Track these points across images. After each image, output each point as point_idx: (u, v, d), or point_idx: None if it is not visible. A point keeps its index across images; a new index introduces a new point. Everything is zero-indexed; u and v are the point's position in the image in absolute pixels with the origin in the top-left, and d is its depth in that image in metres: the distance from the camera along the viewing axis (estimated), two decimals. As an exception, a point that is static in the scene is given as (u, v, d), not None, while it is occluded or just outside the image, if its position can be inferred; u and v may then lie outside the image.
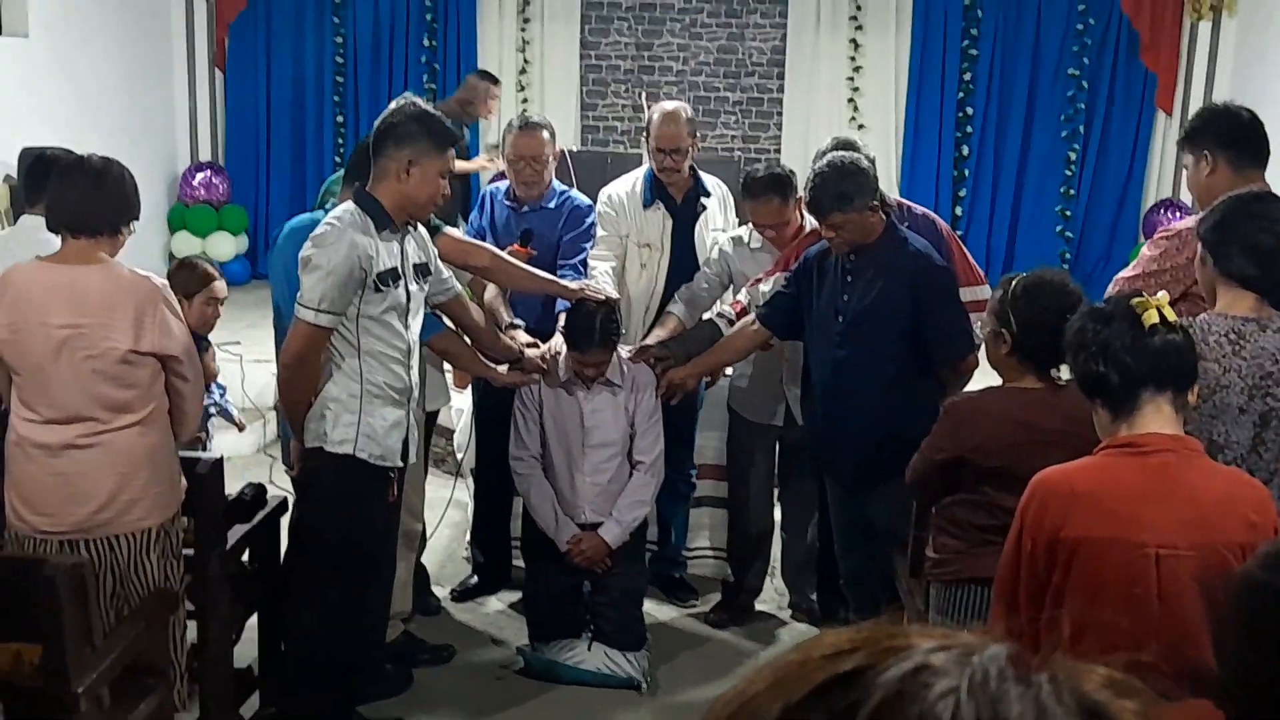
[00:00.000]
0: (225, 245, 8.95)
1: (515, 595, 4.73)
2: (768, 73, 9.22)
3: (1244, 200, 2.93)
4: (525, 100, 9.20)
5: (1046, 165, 8.98)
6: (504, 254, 4.08)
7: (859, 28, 8.95)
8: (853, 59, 8.96)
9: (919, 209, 4.33)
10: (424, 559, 4.81)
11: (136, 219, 3.19)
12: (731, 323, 4.24)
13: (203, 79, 9.25)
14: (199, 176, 9.06)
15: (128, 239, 3.19)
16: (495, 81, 7.81)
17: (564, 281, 4.08)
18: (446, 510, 5.09)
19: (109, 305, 3.03)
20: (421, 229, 3.58)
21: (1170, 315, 2.17)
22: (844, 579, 4.00)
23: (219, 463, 3.46)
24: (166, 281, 3.20)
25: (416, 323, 3.51)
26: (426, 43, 9.16)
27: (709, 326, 4.28)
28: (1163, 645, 1.98)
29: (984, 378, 3.43)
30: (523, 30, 9.17)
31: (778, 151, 8.96)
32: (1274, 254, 2.82)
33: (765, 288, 4.15)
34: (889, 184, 9.01)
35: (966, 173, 9.08)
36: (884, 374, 3.72)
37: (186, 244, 8.85)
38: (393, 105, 3.63)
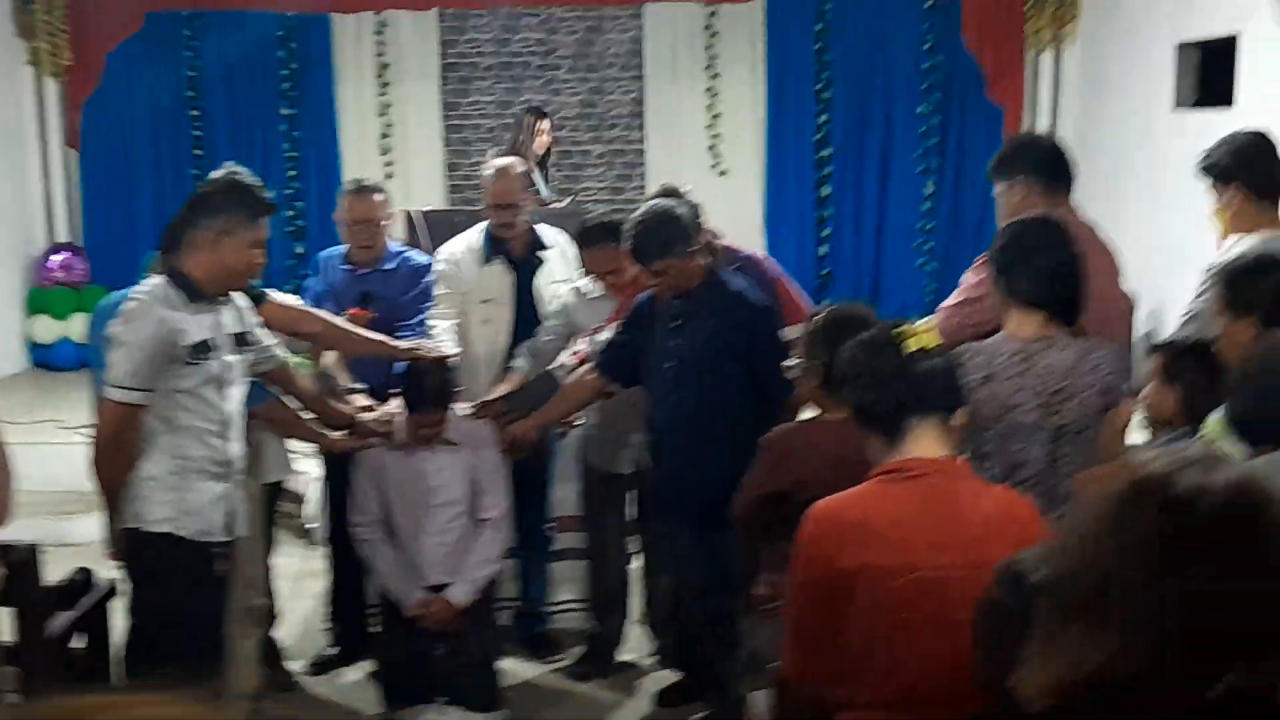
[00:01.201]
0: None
1: (373, 664, 4.64)
2: (630, 124, 9.33)
3: (1029, 223, 3.02)
4: (390, 163, 9.19)
5: (905, 201, 9.19)
6: (334, 319, 4.04)
7: (715, 76, 9.11)
8: (709, 107, 9.10)
9: (745, 250, 4.40)
10: (281, 632, 4.72)
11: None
12: (572, 373, 4.24)
13: (56, 159, 9.10)
14: (57, 258, 8.88)
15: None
16: (541, 115, 7.41)
17: (394, 342, 4.05)
18: (297, 582, 5.00)
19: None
20: (239, 297, 3.53)
21: (931, 342, 2.22)
22: (697, 623, 3.99)
23: (33, 549, 3.36)
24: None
25: (236, 393, 3.45)
26: (285, 111, 9.11)
27: (547, 379, 4.28)
28: (941, 669, 2.00)
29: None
30: (382, 95, 9.17)
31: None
32: (1058, 274, 2.91)
33: (604, 336, 4.17)
34: (754, 226, 9.17)
35: (829, 212, 9.25)
36: (720, 415, 3.74)
37: (46, 328, 8.65)
38: (212, 175, 3.60)
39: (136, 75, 9.08)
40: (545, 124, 7.35)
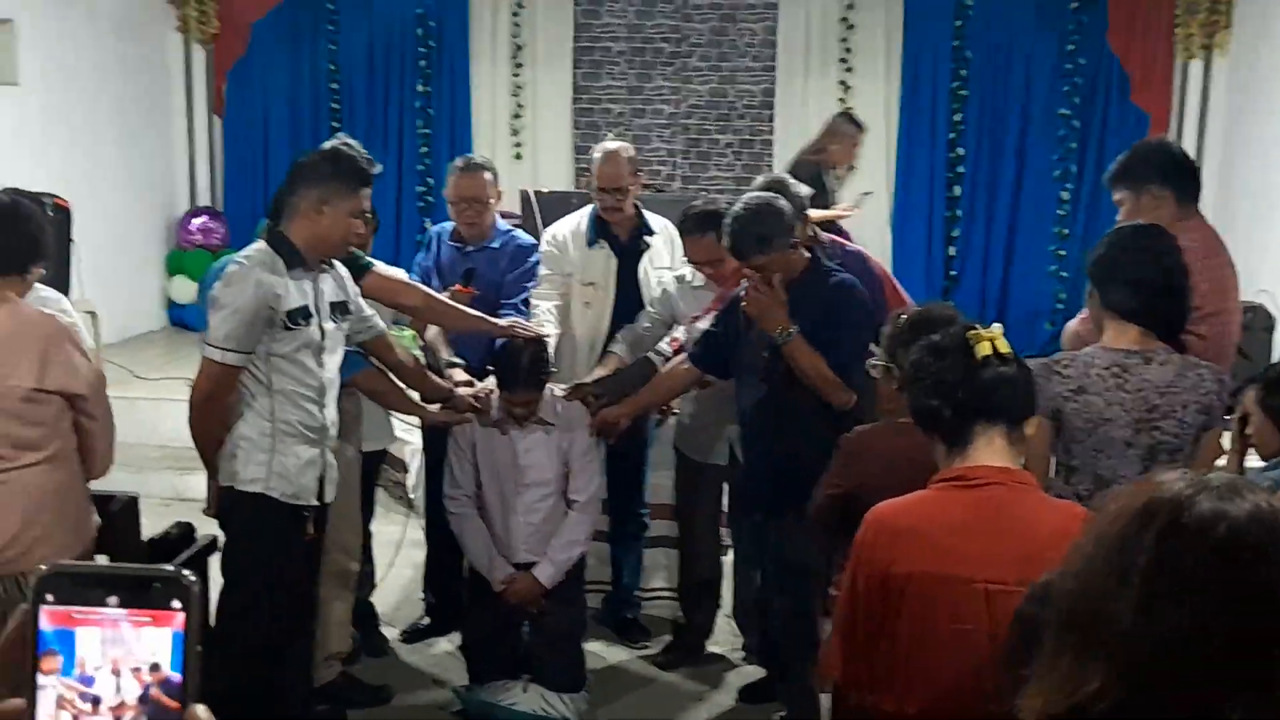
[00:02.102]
0: (221, 289, 9.04)
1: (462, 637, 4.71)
2: (759, 115, 9.25)
3: (1128, 233, 2.91)
4: (519, 144, 9.29)
5: (1039, 206, 8.93)
6: (434, 293, 4.09)
7: (848, 69, 8.98)
8: (842, 100, 8.96)
9: (852, 246, 4.33)
10: (378, 599, 4.82)
11: (46, 258, 3.24)
12: (668, 360, 4.24)
13: (201, 125, 9.41)
14: (196, 221, 9.18)
15: (37, 278, 3.23)
16: (860, 127, 7.15)
17: (492, 319, 4.09)
18: (400, 550, 5.09)
19: (13, 344, 3.07)
20: (340, 267, 3.61)
21: (1004, 347, 2.15)
22: (777, 618, 3.95)
23: (133, 501, 3.49)
24: (74, 321, 3.24)
25: (333, 360, 3.52)
26: (420, 87, 9.27)
27: (644, 364, 4.28)
28: (990, 682, 1.94)
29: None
30: (515, 75, 9.26)
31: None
32: (1155, 287, 2.80)
33: (703, 326, 4.15)
34: (880, 226, 9.02)
35: (959, 214, 9.05)
36: (808, 411, 3.68)
37: (184, 289, 8.95)
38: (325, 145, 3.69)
39: (280, 46, 9.32)
40: (860, 137, 7.13)
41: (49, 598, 0.77)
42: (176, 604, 0.77)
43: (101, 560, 3.41)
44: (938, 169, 9.00)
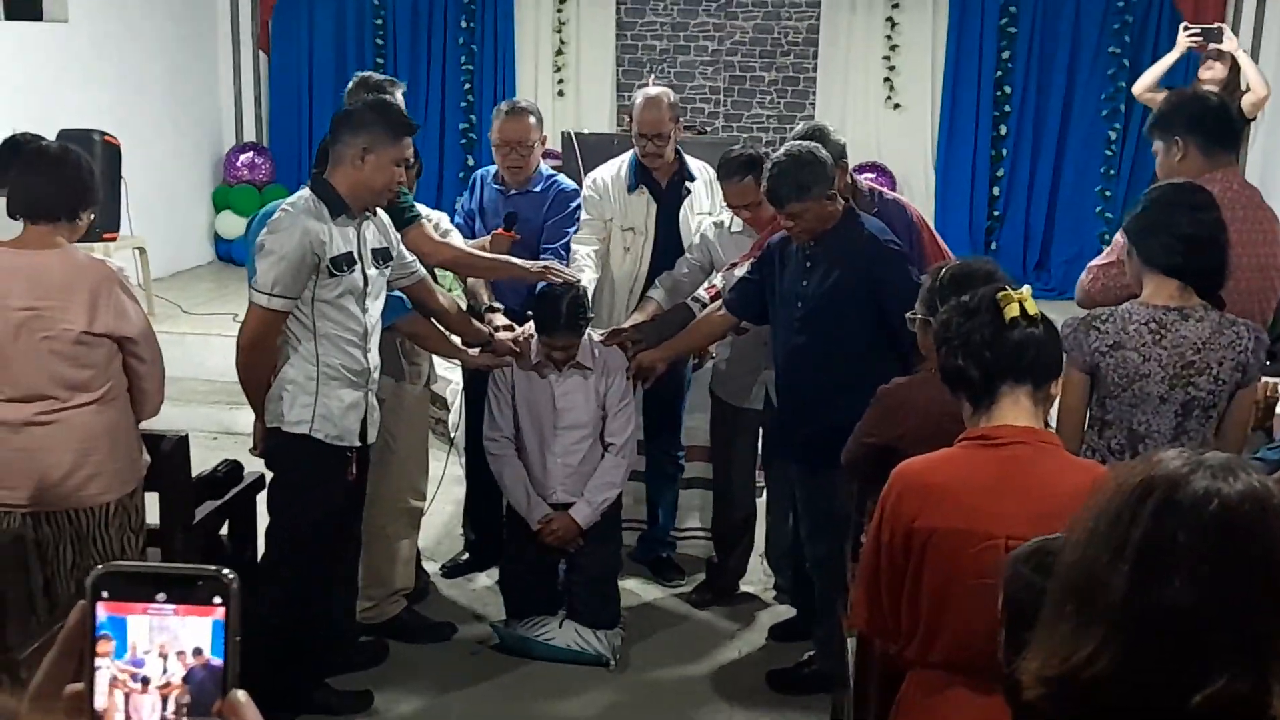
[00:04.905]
0: (267, 225, 9.14)
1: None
2: (803, 52, 9.17)
3: (1167, 190, 2.91)
4: (561, 81, 9.27)
5: (1087, 145, 8.82)
6: (466, 247, 4.14)
7: (895, 6, 8.86)
8: (889, 38, 8.88)
9: (890, 194, 4.32)
10: (420, 535, 4.92)
11: (96, 204, 3.31)
12: (705, 306, 4.27)
13: (247, 62, 9.46)
14: (243, 157, 9.27)
15: (88, 224, 3.31)
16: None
17: (523, 264, 4.13)
18: (440, 485, 5.18)
19: (65, 288, 3.15)
20: (383, 214, 3.66)
21: (1032, 308, 2.17)
22: (809, 563, 4.01)
23: (184, 440, 3.58)
24: (121, 266, 3.31)
25: (376, 306, 3.59)
26: (464, 24, 9.25)
27: (683, 310, 4.32)
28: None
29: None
30: (559, 11, 9.22)
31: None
32: (1199, 241, 2.80)
33: (740, 272, 4.17)
34: (925, 165, 8.96)
35: (1004, 152, 8.96)
36: (841, 359, 3.72)
37: (231, 224, 9.06)
38: (351, 84, 3.73)
39: (326, -18, 9.34)
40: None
41: (104, 594, 0.85)
42: (218, 600, 0.86)
43: (151, 499, 3.52)
44: (984, 107, 8.90)
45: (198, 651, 0.86)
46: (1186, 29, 6.65)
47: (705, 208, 4.69)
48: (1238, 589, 1.13)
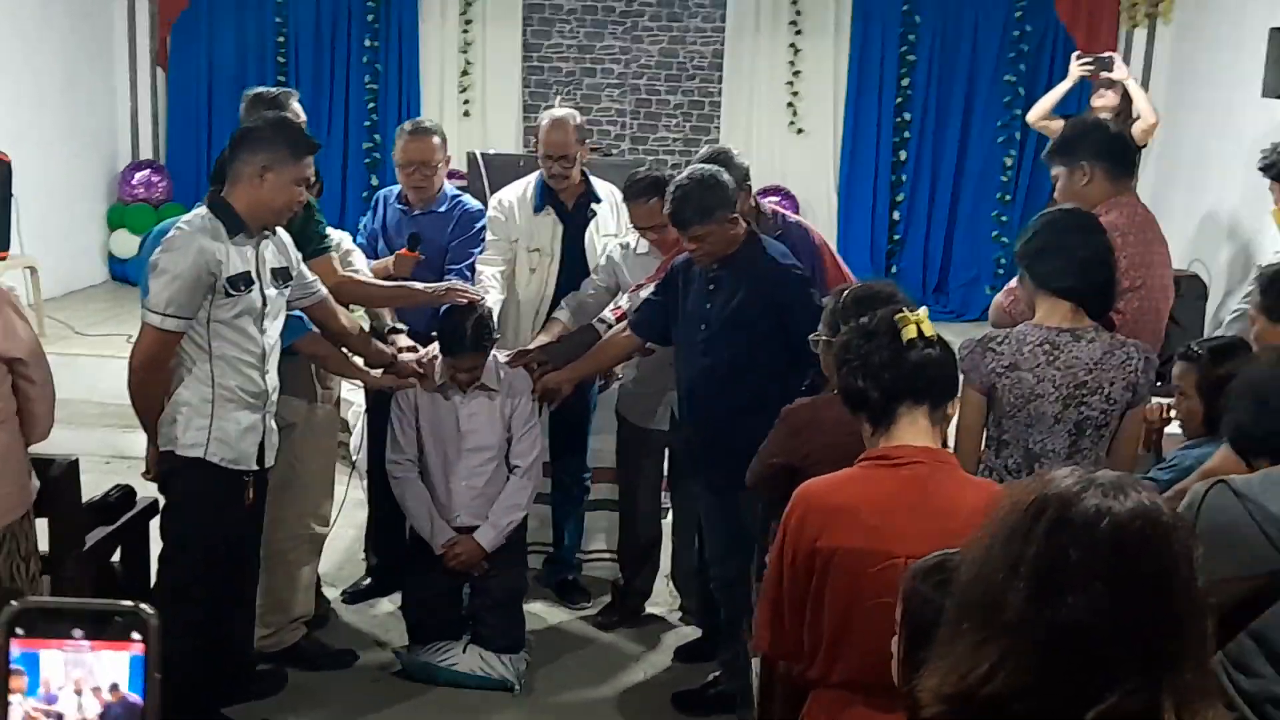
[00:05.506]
0: (164, 244, 8.95)
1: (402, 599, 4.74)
2: (708, 76, 9.26)
3: (1061, 214, 2.99)
4: (467, 101, 9.23)
5: (984, 171, 9.02)
6: (365, 279, 4.11)
7: (798, 32, 8.99)
8: (792, 63, 9.00)
9: (793, 217, 4.38)
10: (321, 560, 4.84)
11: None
12: (611, 328, 4.27)
13: (144, 78, 9.26)
14: (139, 175, 9.07)
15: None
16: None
17: (421, 287, 4.10)
18: (342, 509, 5.10)
19: (-50, 309, 3.05)
20: (283, 233, 3.60)
21: (929, 330, 2.21)
22: (714, 584, 4.02)
23: (74, 464, 3.48)
24: (12, 286, 3.22)
25: (275, 326, 3.53)
26: (368, 43, 9.16)
27: (589, 331, 4.32)
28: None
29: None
30: (464, 32, 9.18)
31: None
32: (1087, 265, 2.87)
33: (645, 294, 4.18)
34: (828, 189, 9.09)
35: (904, 177, 9.13)
36: (746, 381, 3.74)
37: (125, 243, 8.85)
38: (244, 101, 3.67)
39: (225, -2, 9.19)
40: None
41: (19, 631, 0.82)
42: (136, 635, 0.83)
43: (41, 525, 3.41)
44: (885, 132, 9.06)
45: (114, 687, 0.83)
46: (1079, 58, 6.86)
47: (611, 229, 4.70)
48: (1131, 605, 1.15)
